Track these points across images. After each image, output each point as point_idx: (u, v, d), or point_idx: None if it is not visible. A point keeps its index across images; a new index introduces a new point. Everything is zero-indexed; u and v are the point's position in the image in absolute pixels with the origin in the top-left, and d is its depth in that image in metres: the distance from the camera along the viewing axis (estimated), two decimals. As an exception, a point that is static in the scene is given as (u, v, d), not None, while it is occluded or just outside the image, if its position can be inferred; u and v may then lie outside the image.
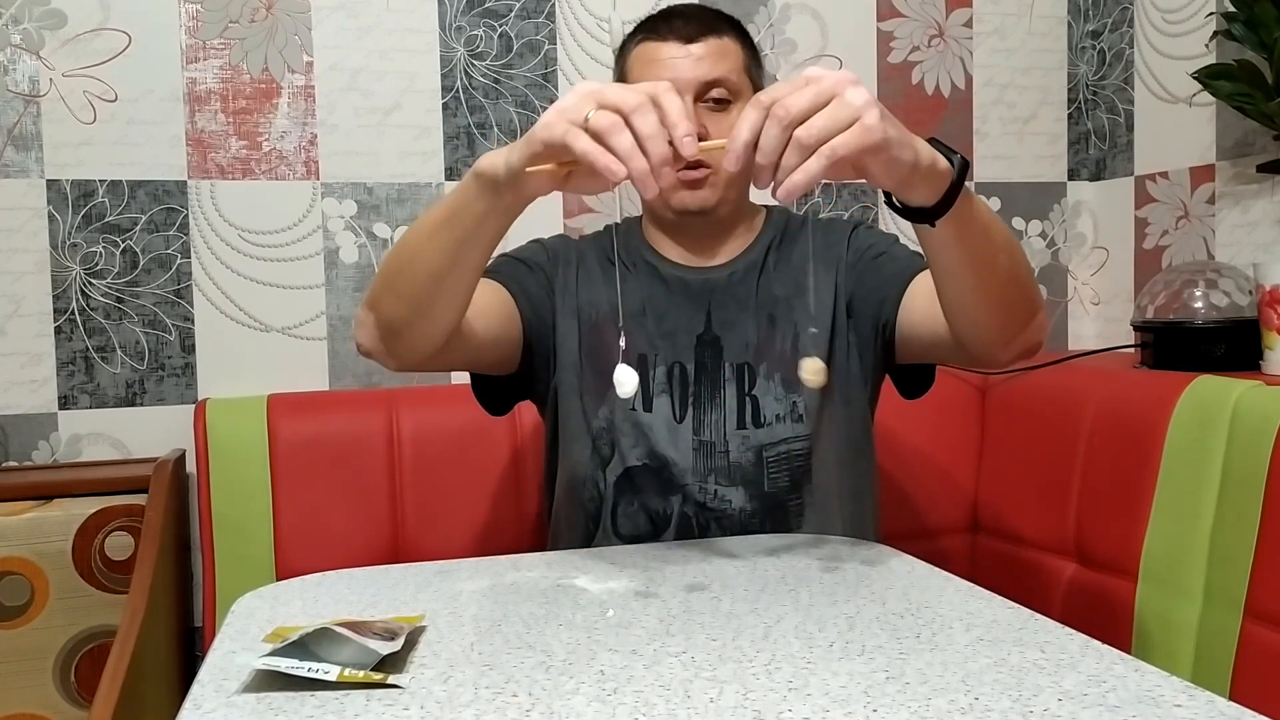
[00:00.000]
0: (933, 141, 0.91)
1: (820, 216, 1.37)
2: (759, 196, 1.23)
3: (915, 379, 1.23)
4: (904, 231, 1.99)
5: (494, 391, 1.24)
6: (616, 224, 1.36)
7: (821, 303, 1.22)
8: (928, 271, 1.10)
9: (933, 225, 0.91)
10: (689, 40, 1.18)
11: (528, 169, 0.85)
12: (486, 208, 0.91)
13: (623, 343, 0.83)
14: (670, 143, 0.81)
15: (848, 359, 1.22)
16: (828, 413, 1.21)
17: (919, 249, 1.22)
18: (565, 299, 1.23)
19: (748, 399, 1.19)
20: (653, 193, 0.81)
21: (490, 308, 1.14)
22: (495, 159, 0.89)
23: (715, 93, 1.18)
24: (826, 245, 1.25)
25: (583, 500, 1.22)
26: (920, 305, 1.11)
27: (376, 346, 1.05)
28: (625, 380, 0.89)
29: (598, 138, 0.80)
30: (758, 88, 1.23)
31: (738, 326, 1.21)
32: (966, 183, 0.91)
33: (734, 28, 1.23)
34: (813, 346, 1.17)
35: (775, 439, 1.19)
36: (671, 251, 1.26)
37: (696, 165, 1.17)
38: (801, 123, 0.78)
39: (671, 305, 1.23)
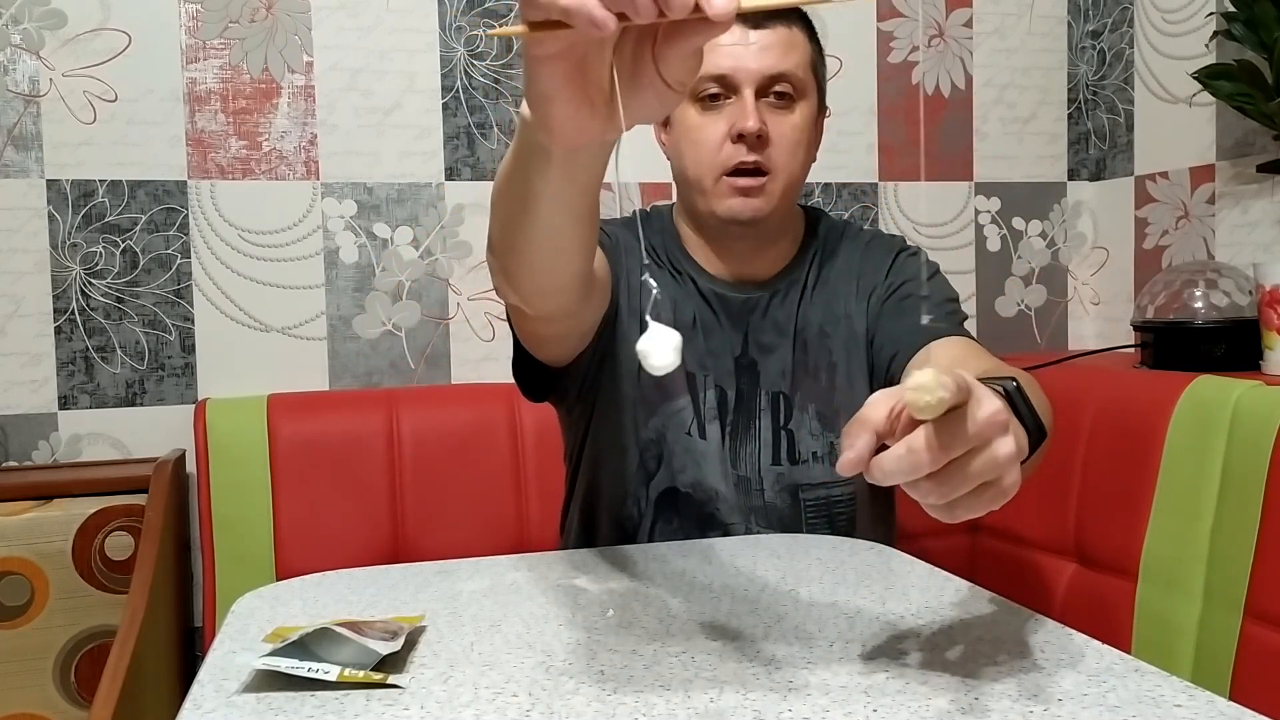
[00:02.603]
0: (1009, 397, 0.73)
1: (860, 226, 1.27)
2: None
3: None
4: (919, 229, 2.00)
5: (535, 376, 1.10)
6: (645, 211, 1.25)
7: (854, 335, 1.15)
8: (946, 342, 1.03)
9: None
10: (754, 26, 1.07)
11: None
12: (531, 155, 0.70)
13: (656, 292, 0.59)
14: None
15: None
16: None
17: (954, 294, 1.16)
18: (630, 297, 1.12)
19: (783, 432, 1.13)
20: (649, 15, 0.51)
21: (603, 270, 1.00)
22: None
23: (779, 87, 1.08)
24: (865, 270, 1.17)
25: (620, 518, 1.15)
26: None
27: (505, 290, 0.89)
28: (657, 348, 0.58)
29: None
30: (821, 87, 1.15)
31: (775, 352, 1.14)
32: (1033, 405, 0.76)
33: (802, 18, 1.13)
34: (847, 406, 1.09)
35: (812, 480, 1.13)
36: (709, 261, 1.16)
37: (753, 169, 1.08)
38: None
39: (714, 323, 1.15)
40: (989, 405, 0.57)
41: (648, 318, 0.57)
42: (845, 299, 1.17)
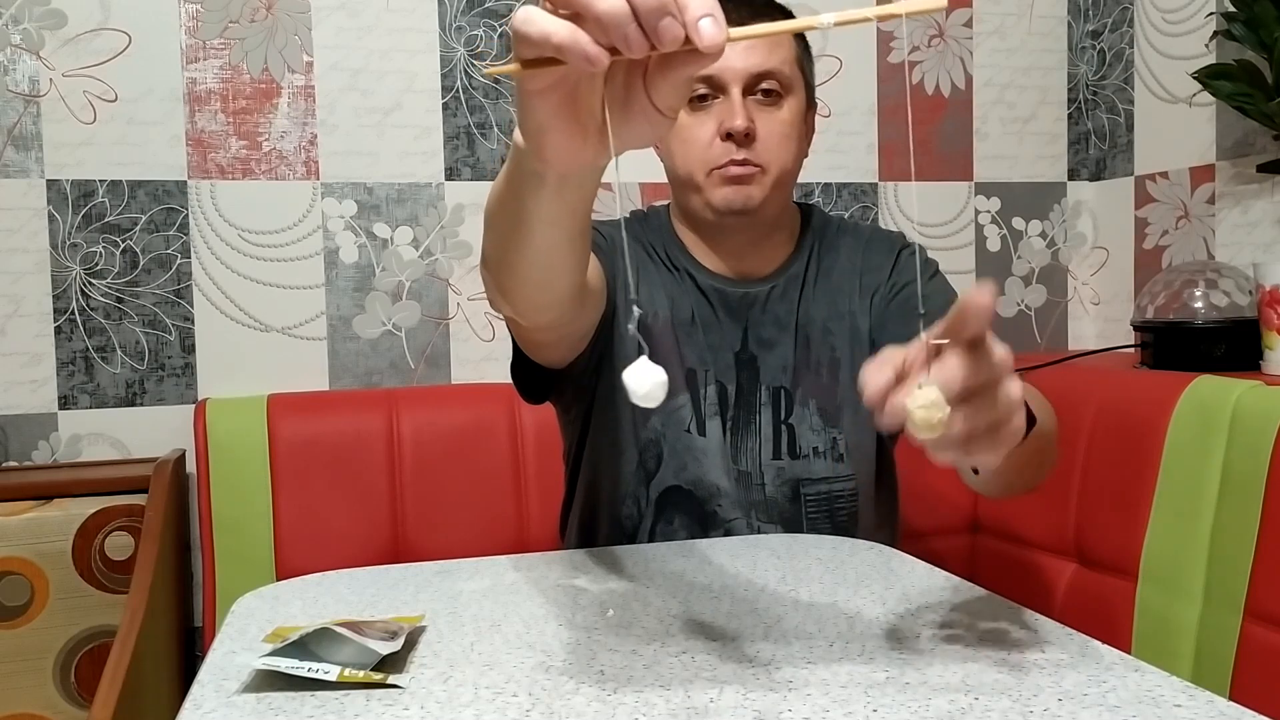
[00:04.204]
0: None
1: (857, 222, 1.29)
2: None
3: None
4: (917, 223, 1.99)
5: (533, 378, 1.10)
6: (643, 211, 1.26)
7: (858, 333, 1.16)
8: None
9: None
10: (739, 25, 1.10)
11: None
12: (524, 179, 0.70)
13: (632, 326, 0.59)
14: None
15: None
16: (868, 450, 1.16)
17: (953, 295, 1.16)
18: (625, 295, 1.13)
19: (784, 427, 1.14)
20: (641, 50, 0.52)
21: (596, 277, 1.02)
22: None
23: (766, 85, 1.09)
24: (868, 267, 1.18)
25: (619, 517, 1.15)
26: None
27: (499, 303, 0.90)
28: (643, 381, 0.59)
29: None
30: (809, 83, 1.16)
31: (776, 347, 1.15)
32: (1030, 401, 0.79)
33: (787, 17, 1.09)
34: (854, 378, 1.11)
35: (813, 475, 1.14)
36: (707, 258, 1.17)
37: (743, 161, 1.09)
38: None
39: (713, 319, 1.16)
40: (1000, 346, 0.61)
41: (643, 347, 0.58)
42: (849, 296, 1.17)
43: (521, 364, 1.08)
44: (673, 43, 0.52)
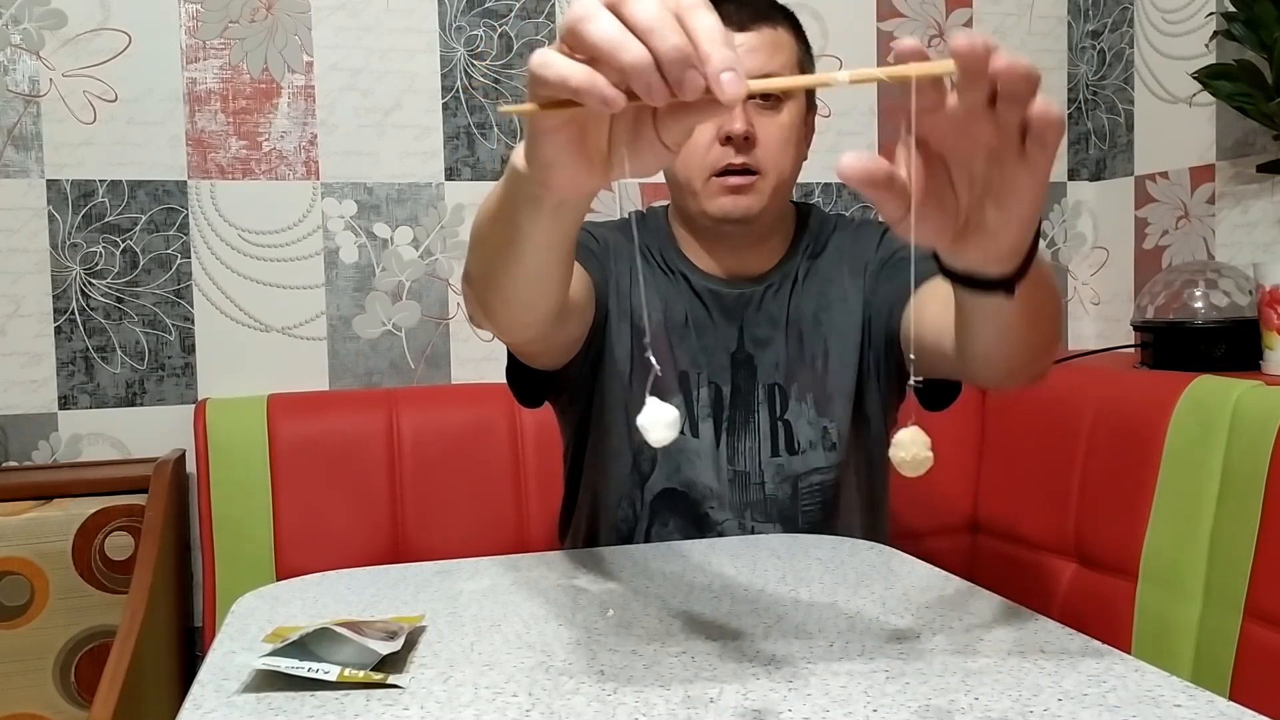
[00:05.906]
0: None
1: (851, 217, 1.28)
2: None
3: (937, 391, 1.09)
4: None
5: (529, 381, 1.11)
6: (641, 212, 1.26)
7: (850, 314, 1.16)
8: (937, 278, 1.07)
9: (1010, 293, 0.71)
10: (740, 28, 1.07)
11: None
12: (520, 202, 0.71)
13: (656, 369, 0.60)
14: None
15: (874, 374, 1.15)
16: (857, 437, 1.15)
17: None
18: (619, 300, 1.14)
19: (780, 424, 1.14)
20: (662, 99, 0.54)
21: (581, 287, 1.02)
22: (520, 146, 0.69)
23: None
24: (856, 252, 1.18)
25: (615, 520, 1.16)
26: (924, 317, 1.01)
27: (481, 320, 0.91)
28: (657, 422, 0.62)
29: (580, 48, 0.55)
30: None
31: (770, 345, 1.15)
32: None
33: (788, 18, 1.13)
34: (842, 372, 1.12)
35: (808, 468, 1.14)
36: (702, 259, 1.17)
37: (742, 170, 1.08)
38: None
39: (707, 320, 1.15)
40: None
41: (648, 395, 0.61)
42: (839, 282, 1.17)
43: (516, 369, 1.08)
44: (694, 93, 0.53)
